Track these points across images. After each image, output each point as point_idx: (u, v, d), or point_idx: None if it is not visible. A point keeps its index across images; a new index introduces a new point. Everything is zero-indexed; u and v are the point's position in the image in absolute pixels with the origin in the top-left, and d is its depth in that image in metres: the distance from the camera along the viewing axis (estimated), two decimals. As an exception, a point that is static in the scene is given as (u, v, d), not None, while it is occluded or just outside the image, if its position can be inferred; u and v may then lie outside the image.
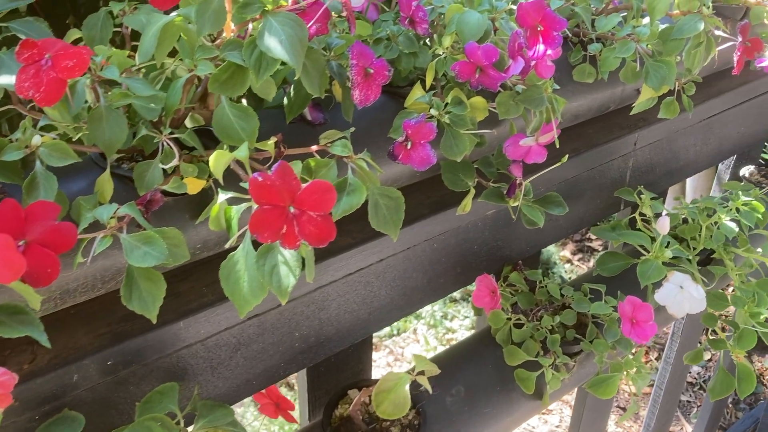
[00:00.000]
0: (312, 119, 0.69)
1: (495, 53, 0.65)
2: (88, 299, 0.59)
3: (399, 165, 0.66)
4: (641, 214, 0.97)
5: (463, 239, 0.85)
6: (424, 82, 0.70)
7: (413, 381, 0.73)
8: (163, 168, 0.56)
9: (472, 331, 2.64)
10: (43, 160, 0.52)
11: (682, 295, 0.90)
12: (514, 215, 0.83)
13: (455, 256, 0.86)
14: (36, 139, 0.53)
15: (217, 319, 0.66)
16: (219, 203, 0.53)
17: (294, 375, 0.87)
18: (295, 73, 0.54)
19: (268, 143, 0.57)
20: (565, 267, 3.05)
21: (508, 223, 0.90)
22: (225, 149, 0.54)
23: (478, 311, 0.92)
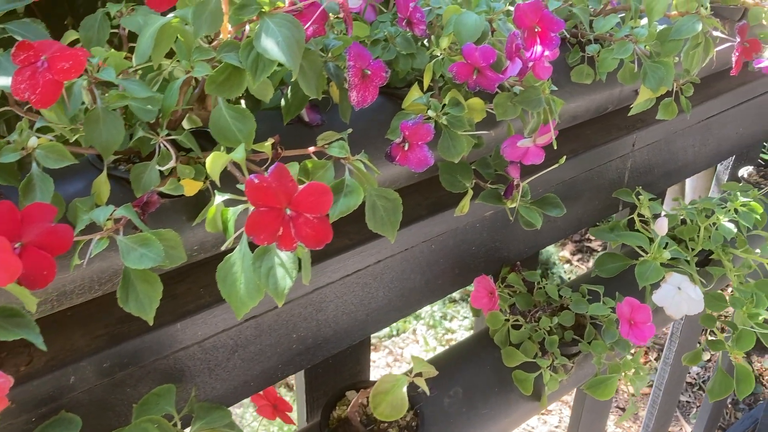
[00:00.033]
0: (309, 120, 0.69)
1: (492, 54, 0.65)
2: (85, 301, 0.59)
3: (397, 166, 0.66)
4: (639, 215, 0.97)
5: (462, 240, 0.85)
6: (421, 83, 0.70)
7: (411, 382, 0.73)
8: (160, 170, 0.56)
9: (471, 332, 2.63)
10: (40, 162, 0.52)
11: (680, 297, 0.90)
12: (511, 217, 0.83)
13: (453, 257, 0.86)
14: (32, 141, 0.52)
15: (215, 321, 0.66)
16: (216, 205, 0.53)
17: (293, 376, 0.87)
18: (293, 75, 0.54)
19: (265, 145, 0.57)
20: (565, 267, 3.05)
21: (506, 225, 0.90)
22: (222, 151, 0.54)
23: (476, 312, 0.92)
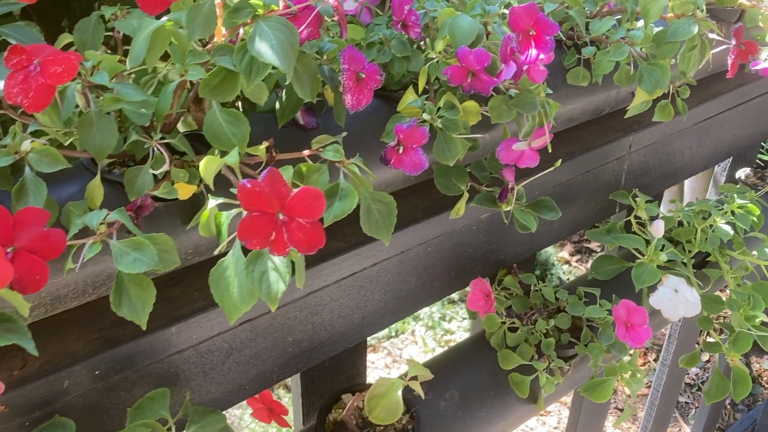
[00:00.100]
0: (304, 123, 0.69)
1: (487, 58, 0.65)
2: (79, 305, 0.59)
3: (392, 169, 0.65)
4: (636, 217, 0.97)
5: (458, 243, 0.85)
6: (416, 86, 0.69)
7: (407, 385, 0.73)
8: (154, 173, 0.56)
9: (470, 333, 2.63)
10: (33, 165, 0.52)
11: (676, 299, 0.89)
12: (506, 220, 0.83)
13: (449, 259, 0.85)
14: (26, 145, 0.52)
15: (209, 324, 0.66)
16: (209, 209, 0.53)
17: (290, 378, 0.87)
18: (287, 78, 0.53)
19: (259, 148, 0.57)
20: (563, 268, 3.05)
21: (502, 227, 0.89)
22: (216, 154, 0.54)
23: (472, 315, 0.92)
